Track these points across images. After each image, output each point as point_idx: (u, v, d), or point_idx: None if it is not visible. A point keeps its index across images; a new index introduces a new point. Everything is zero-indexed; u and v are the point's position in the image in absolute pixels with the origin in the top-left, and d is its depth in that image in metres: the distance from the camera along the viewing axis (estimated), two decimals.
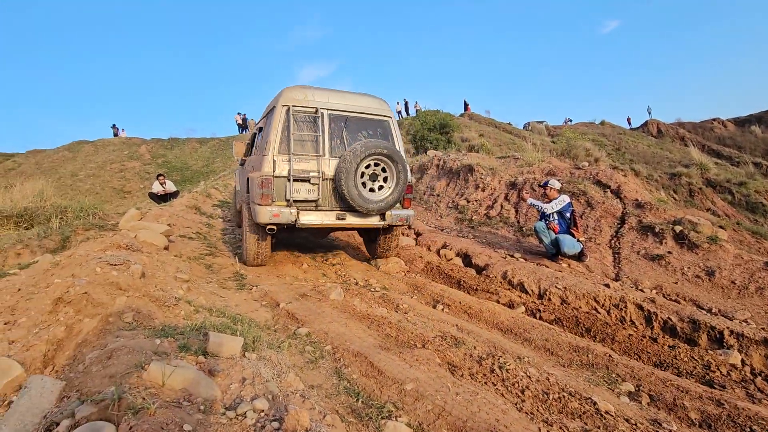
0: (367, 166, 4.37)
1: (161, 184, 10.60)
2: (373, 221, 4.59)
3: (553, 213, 5.37)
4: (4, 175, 21.11)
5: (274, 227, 4.36)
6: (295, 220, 4.27)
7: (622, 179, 6.94)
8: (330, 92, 4.58)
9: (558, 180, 6.04)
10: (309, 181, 4.29)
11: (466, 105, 34.59)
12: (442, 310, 4.12)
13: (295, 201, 4.28)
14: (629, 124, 35.55)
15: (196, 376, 1.72)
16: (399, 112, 33.60)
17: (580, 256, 5.30)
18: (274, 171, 4.22)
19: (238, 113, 29.65)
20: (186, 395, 1.63)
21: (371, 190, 4.46)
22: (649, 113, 35.30)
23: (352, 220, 4.49)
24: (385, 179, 4.49)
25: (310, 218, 4.35)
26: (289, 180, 4.23)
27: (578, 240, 5.27)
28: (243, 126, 29.56)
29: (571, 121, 36.35)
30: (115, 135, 28.42)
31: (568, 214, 5.31)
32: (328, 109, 4.45)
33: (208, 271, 4.83)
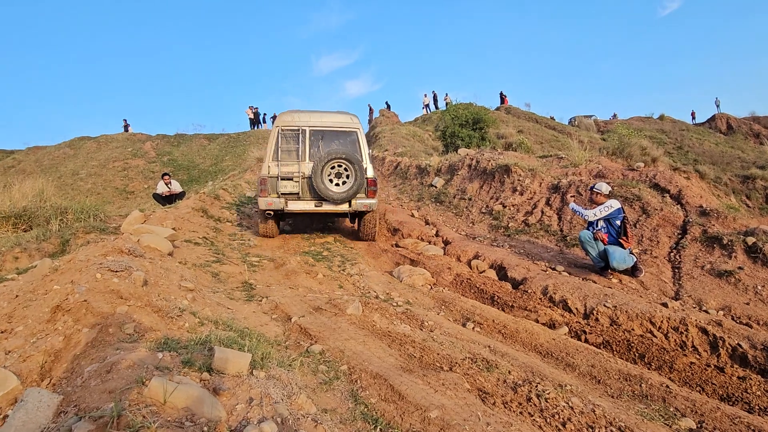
0: (332, 168, 6.53)
1: (166, 184, 10.90)
2: (343, 208, 6.72)
3: (598, 220, 5.29)
4: (3, 173, 22.20)
5: (271, 211, 6.76)
6: (284, 207, 6.62)
7: (684, 182, 6.76)
8: (312, 113, 6.84)
9: (607, 183, 5.92)
10: (292, 179, 6.61)
11: (502, 97, 34.38)
12: (473, 328, 4.10)
13: (283, 194, 6.61)
14: (693, 118, 34.63)
15: (199, 395, 1.76)
16: (426, 106, 33.70)
17: (633, 271, 5.20)
18: (269, 173, 6.64)
19: (250, 107, 30.31)
20: (189, 415, 1.67)
21: (336, 184, 6.59)
22: (718, 106, 34.23)
23: (327, 207, 6.69)
24: (347, 176, 6.58)
25: (295, 206, 6.66)
26: (278, 179, 6.59)
27: (630, 252, 5.18)
28: (255, 121, 30.17)
29: (616, 116, 35.62)
30: (126, 130, 29.60)
31: (618, 222, 5.20)
32: (309, 127, 6.75)
33: (215, 279, 4.93)
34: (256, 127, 30.07)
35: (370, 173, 6.78)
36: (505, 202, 8.30)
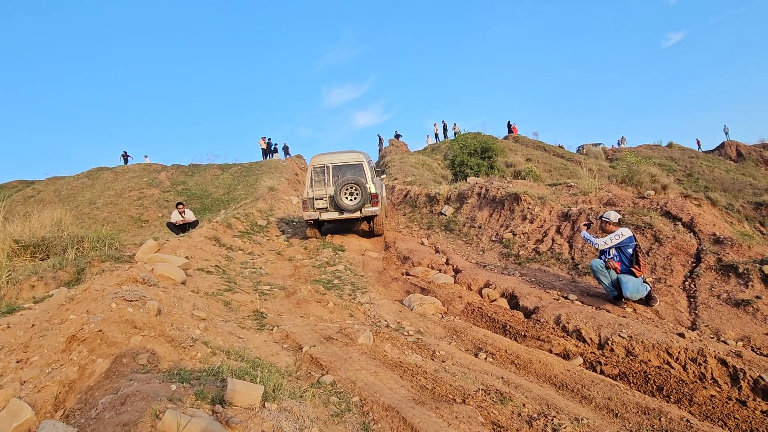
0: (347, 189, 9.40)
1: (180, 213, 11.07)
2: (356, 215, 9.50)
3: (610, 249, 5.23)
4: (23, 203, 22.68)
5: (312, 221, 9.74)
6: (319, 217, 9.56)
7: (696, 210, 6.69)
8: (333, 154, 9.88)
9: (617, 211, 5.89)
10: (322, 199, 9.55)
11: (510, 126, 34.59)
12: (485, 359, 4.04)
13: (317, 208, 9.55)
14: (699, 146, 34.47)
15: (212, 428, 1.75)
16: (436, 135, 34.08)
17: (647, 300, 5.09)
18: (308, 196, 9.62)
19: (263, 137, 30.96)
20: None
21: (350, 200, 9.42)
22: (726, 134, 34.03)
23: (346, 215, 9.49)
24: (357, 194, 9.39)
25: (326, 215, 9.57)
26: (314, 200, 9.60)
27: (644, 281, 5.09)
28: (267, 150, 30.74)
29: (624, 140, 35.68)
30: (126, 163, 30.31)
31: (630, 250, 5.12)
32: (331, 164, 9.69)
33: (227, 308, 4.95)
34: (268, 157, 30.44)
35: (373, 190, 9.51)
36: (515, 230, 8.27)
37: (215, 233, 8.79)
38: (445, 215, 10.74)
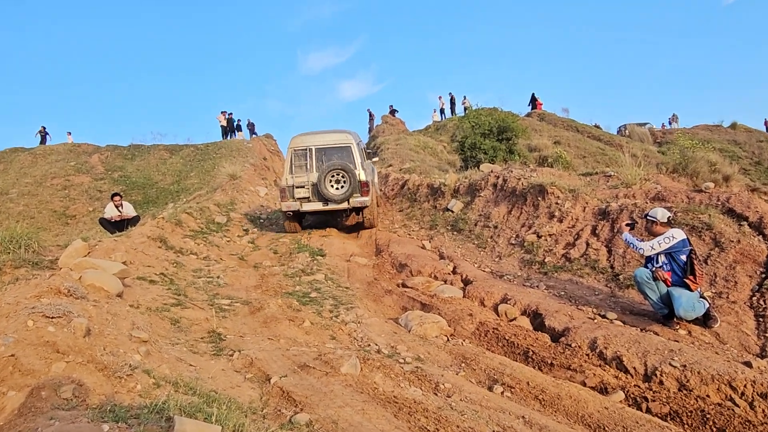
0: (333, 176, 9.89)
1: (117, 206, 10.89)
2: (344, 205, 10.06)
3: (659, 255, 5.23)
4: None
5: (291, 213, 10.28)
6: (299, 208, 10.08)
7: (766, 207, 6.71)
8: (315, 135, 10.53)
9: (666, 208, 5.86)
10: (304, 187, 10.06)
11: (534, 101, 34.63)
12: (502, 393, 4.03)
13: (298, 198, 10.07)
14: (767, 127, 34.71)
15: None
16: (442, 110, 34.07)
17: (705, 320, 5.09)
18: (286, 184, 10.15)
19: (223, 112, 30.51)
20: None
21: (336, 188, 9.93)
22: None
23: (332, 206, 10.06)
24: (344, 182, 9.90)
25: (307, 206, 10.13)
26: (293, 187, 10.11)
27: (701, 296, 5.09)
28: (228, 129, 30.45)
29: (676, 118, 35.88)
30: (43, 142, 29.96)
31: (683, 257, 5.11)
32: (314, 146, 10.27)
33: (175, 328, 4.92)
34: (229, 137, 30.17)
35: (363, 177, 10.03)
36: (540, 230, 8.28)
37: (161, 233, 8.70)
38: (453, 212, 10.78)
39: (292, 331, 5.18)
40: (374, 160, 13.60)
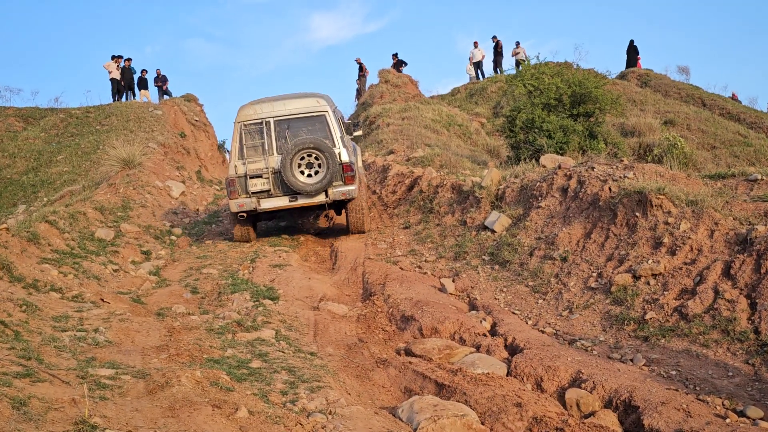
0: (302, 158, 10.49)
1: None
2: (320, 199, 10.58)
3: None
4: None
5: (244, 214, 10.80)
6: (256, 207, 10.73)
7: None
8: (274, 102, 11.09)
9: None
10: (261, 176, 10.82)
11: (632, 54, 31.59)
12: None
13: (254, 193, 10.90)
14: None
15: None
16: (479, 65, 30.43)
17: None
18: (236, 173, 10.97)
19: (115, 57, 26.96)
20: None
21: (309, 175, 10.54)
22: None
23: (303, 200, 10.79)
24: (319, 165, 10.43)
25: (268, 203, 10.97)
26: (246, 178, 10.85)
27: None
28: (125, 85, 26.14)
29: None
30: None
31: None
32: (273, 117, 10.95)
33: (19, 415, 4.52)
34: (125, 97, 27.23)
35: (345, 158, 10.43)
36: (639, 268, 7.96)
37: (4, 254, 8.29)
38: (493, 232, 10.52)
39: (217, 425, 4.83)
40: (356, 133, 13.15)
